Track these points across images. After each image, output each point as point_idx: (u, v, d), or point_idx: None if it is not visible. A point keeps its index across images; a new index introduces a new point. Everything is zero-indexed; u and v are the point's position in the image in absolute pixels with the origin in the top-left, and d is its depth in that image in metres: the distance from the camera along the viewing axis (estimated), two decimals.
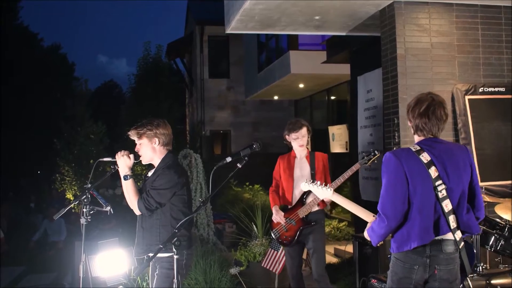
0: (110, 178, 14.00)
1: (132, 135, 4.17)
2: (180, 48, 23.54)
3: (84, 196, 4.03)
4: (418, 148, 3.20)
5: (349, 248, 7.34)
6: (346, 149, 12.54)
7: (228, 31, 8.41)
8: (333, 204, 6.28)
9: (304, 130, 5.37)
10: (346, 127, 12.62)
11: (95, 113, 19.62)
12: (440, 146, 3.24)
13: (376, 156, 5.34)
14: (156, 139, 4.11)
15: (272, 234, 5.49)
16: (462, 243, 3.23)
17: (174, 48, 23.10)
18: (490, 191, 6.34)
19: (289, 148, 5.54)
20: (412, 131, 3.36)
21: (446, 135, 6.69)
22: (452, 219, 3.15)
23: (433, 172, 3.12)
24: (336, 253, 9.49)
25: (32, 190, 22.11)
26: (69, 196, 17.11)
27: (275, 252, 6.17)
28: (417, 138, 3.36)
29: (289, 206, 5.39)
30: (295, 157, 5.47)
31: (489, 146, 6.69)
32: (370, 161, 5.32)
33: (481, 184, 6.48)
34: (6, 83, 25.26)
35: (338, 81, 13.83)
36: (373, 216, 3.40)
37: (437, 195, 3.13)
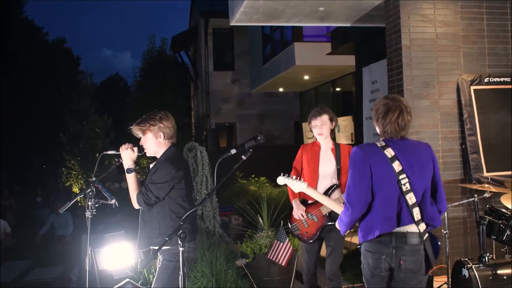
0: (116, 172, 14.04)
1: (135, 130, 4.12)
2: (184, 41, 23.52)
3: (89, 190, 4.03)
4: (384, 144, 3.34)
5: (355, 240, 7.34)
6: (352, 141, 12.52)
7: (233, 23, 8.40)
8: None
9: (324, 117, 4.95)
10: (352, 119, 12.59)
11: (101, 106, 19.66)
12: (404, 143, 3.38)
13: None
14: (161, 133, 4.06)
15: (291, 229, 5.20)
16: (427, 234, 3.35)
17: (179, 41, 23.09)
18: (495, 182, 6.33)
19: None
20: (378, 131, 3.47)
21: (452, 125, 6.68)
22: (416, 212, 3.27)
23: (396, 166, 3.26)
24: (344, 245, 9.49)
25: (38, 184, 22.19)
26: (76, 189, 17.19)
27: (281, 244, 6.16)
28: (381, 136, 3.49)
29: (309, 201, 5.02)
30: (320, 148, 5.06)
31: (494, 136, 6.67)
32: None
33: (486, 174, 6.47)
34: (12, 77, 25.31)
35: (343, 72, 13.80)
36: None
37: (401, 188, 3.26)
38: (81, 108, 17.86)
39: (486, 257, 5.15)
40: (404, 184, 3.24)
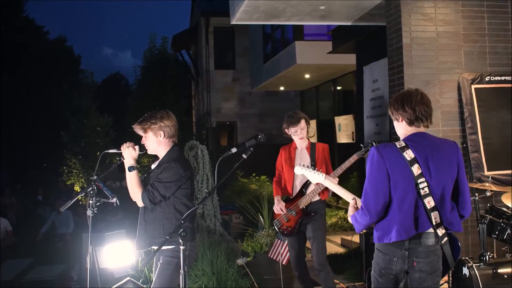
0: (117, 170, 14.06)
1: (137, 129, 4.14)
2: (185, 39, 23.50)
3: (90, 188, 4.05)
4: (403, 144, 3.20)
5: (356, 238, 7.35)
6: (353, 139, 12.53)
7: (233, 22, 8.40)
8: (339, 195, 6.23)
9: (302, 123, 5.35)
10: (352, 117, 12.60)
11: (102, 105, 19.66)
12: (427, 142, 3.24)
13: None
14: (162, 132, 4.08)
15: (274, 225, 5.53)
16: (446, 238, 3.27)
17: (180, 39, 23.07)
18: (496, 180, 6.32)
19: (291, 139, 5.54)
20: (405, 125, 3.29)
21: (452, 124, 6.67)
22: (434, 216, 3.18)
23: (415, 169, 3.14)
24: (343, 243, 9.51)
25: (39, 183, 22.21)
26: (77, 188, 17.20)
27: (282, 242, 6.17)
28: (407, 131, 3.30)
29: (291, 197, 5.42)
30: (295, 148, 5.48)
31: (495, 135, 6.66)
32: (367, 152, 5.31)
33: (487, 173, 6.47)
34: (13, 76, 25.32)
35: (344, 71, 13.79)
36: (352, 198, 3.47)
37: (419, 192, 3.15)
38: (82, 107, 17.86)
39: (487, 256, 5.15)
40: (423, 188, 3.14)
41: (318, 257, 5.26)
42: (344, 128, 13.37)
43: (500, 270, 5.06)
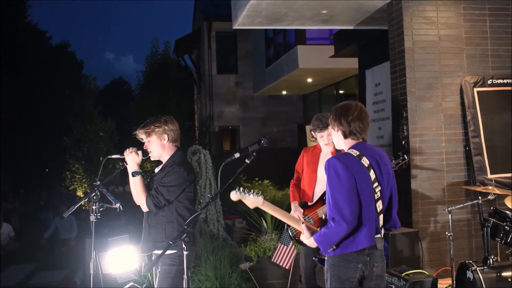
0: (120, 175, 14.06)
1: (140, 134, 4.13)
2: (188, 44, 23.55)
3: (94, 194, 4.05)
4: (358, 153, 3.26)
5: None
6: None
7: (236, 26, 8.41)
8: None
9: (329, 129, 4.86)
10: None
11: (104, 110, 19.68)
12: (371, 150, 3.35)
13: (405, 161, 5.23)
14: (165, 136, 4.10)
15: (289, 231, 5.29)
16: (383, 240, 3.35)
17: (182, 44, 23.12)
18: (499, 183, 6.31)
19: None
20: (341, 136, 3.40)
21: (455, 127, 6.67)
22: (381, 219, 3.27)
23: (372, 174, 3.22)
24: None
25: (42, 188, 22.25)
26: (80, 193, 17.21)
27: (285, 247, 6.15)
28: (345, 143, 3.40)
29: (309, 203, 5.10)
30: (320, 151, 5.17)
31: (498, 138, 6.66)
32: (397, 166, 5.20)
33: (490, 176, 6.46)
34: (16, 80, 25.39)
35: (346, 75, 13.81)
36: (302, 223, 3.48)
37: (373, 197, 3.22)
38: (85, 112, 17.89)
39: (491, 260, 5.14)
40: (376, 193, 3.22)
41: None
42: None
43: (504, 274, 5.05)
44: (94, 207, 4.05)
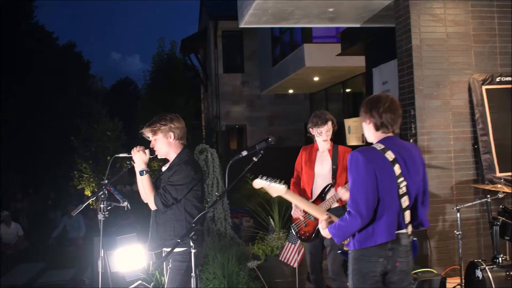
0: (127, 174, 14.11)
1: (146, 132, 4.13)
2: (194, 43, 23.56)
3: (101, 192, 4.06)
4: (383, 146, 3.24)
5: None
6: (363, 142, 12.48)
7: (242, 25, 8.41)
8: None
9: (329, 125, 5.21)
10: None
11: (111, 110, 19.69)
12: (399, 144, 3.32)
13: None
14: (171, 134, 4.10)
15: (291, 229, 5.39)
16: (411, 237, 3.31)
17: (188, 44, 23.14)
18: (509, 182, 6.27)
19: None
20: (373, 129, 3.37)
21: (463, 125, 6.64)
22: (407, 215, 3.23)
23: (397, 169, 3.19)
24: None
25: (50, 188, 22.32)
26: (87, 192, 17.26)
27: (293, 245, 6.15)
28: (375, 136, 3.38)
29: (309, 200, 5.13)
30: (317, 149, 5.30)
31: (507, 136, 6.62)
32: None
33: (499, 174, 6.42)
34: (24, 81, 25.49)
35: (353, 73, 13.77)
36: (326, 214, 3.47)
37: (398, 192, 3.19)
38: (92, 112, 17.91)
39: (500, 258, 5.12)
40: (401, 188, 3.19)
41: (333, 266, 5.12)
42: (354, 131, 13.32)
43: None
44: (102, 206, 4.07)
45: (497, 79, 6.67)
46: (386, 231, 3.17)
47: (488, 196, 5.72)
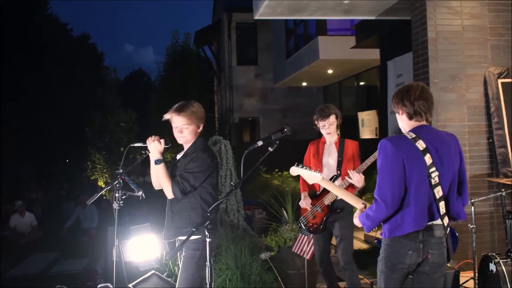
0: (140, 166, 14.18)
1: (179, 120, 4.09)
2: (208, 35, 23.55)
3: (116, 181, 4.08)
4: (414, 135, 3.20)
5: (380, 235, 7.30)
6: (376, 135, 12.46)
7: (257, 17, 8.40)
8: (363, 191, 6.18)
9: (332, 118, 5.25)
10: (376, 113, 12.52)
11: (125, 101, 19.77)
12: (433, 134, 3.27)
13: None
14: (201, 125, 4.18)
15: (300, 222, 5.45)
16: (448, 228, 3.27)
17: (202, 36, 23.14)
18: None
19: (319, 134, 5.48)
20: (406, 118, 3.32)
21: (478, 119, 6.60)
22: (442, 206, 3.19)
23: (428, 159, 3.14)
24: (366, 239, 9.46)
25: (64, 178, 22.50)
26: (101, 183, 17.37)
27: (306, 237, 6.16)
28: (409, 125, 3.33)
29: (317, 192, 5.32)
30: (324, 142, 5.39)
31: None
32: None
33: None
34: (38, 72, 25.64)
35: (368, 66, 13.71)
36: (362, 203, 3.46)
37: (430, 182, 3.15)
38: (106, 103, 17.99)
39: None
40: (434, 178, 3.14)
41: (345, 255, 5.17)
42: (368, 124, 13.30)
43: None
44: (117, 195, 4.08)
45: None
46: (414, 221, 3.14)
47: (503, 190, 5.68)
